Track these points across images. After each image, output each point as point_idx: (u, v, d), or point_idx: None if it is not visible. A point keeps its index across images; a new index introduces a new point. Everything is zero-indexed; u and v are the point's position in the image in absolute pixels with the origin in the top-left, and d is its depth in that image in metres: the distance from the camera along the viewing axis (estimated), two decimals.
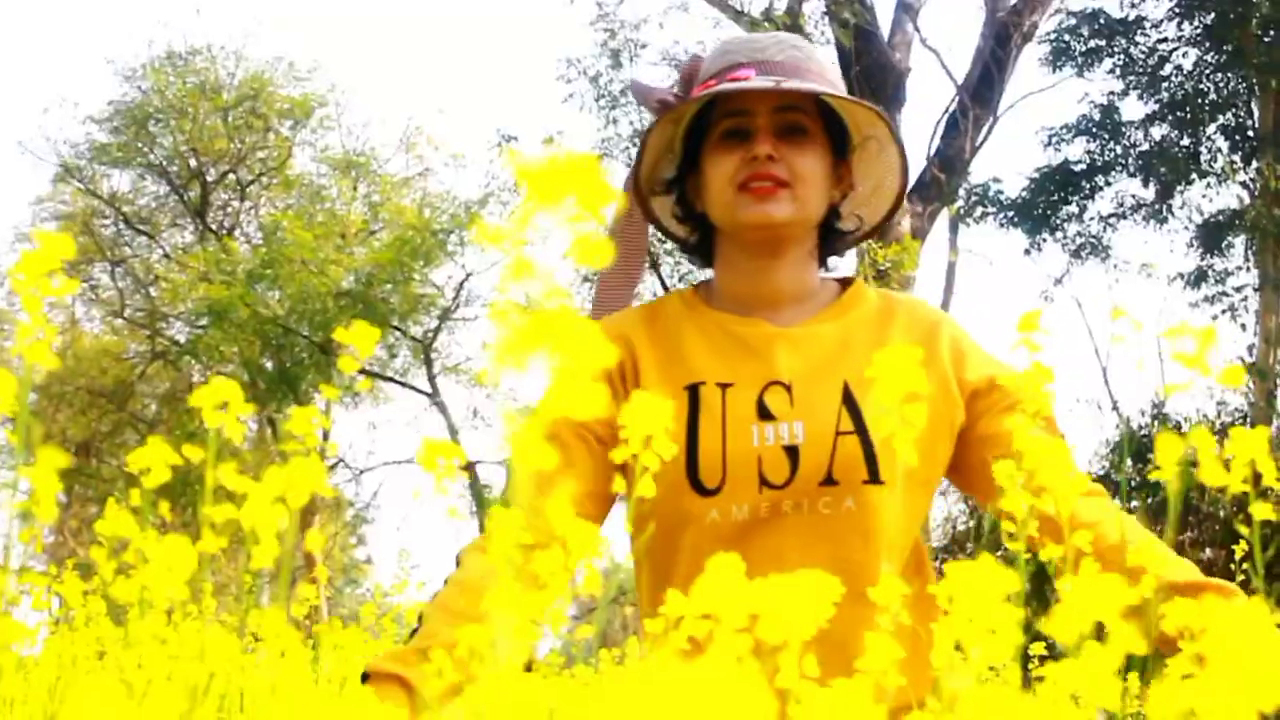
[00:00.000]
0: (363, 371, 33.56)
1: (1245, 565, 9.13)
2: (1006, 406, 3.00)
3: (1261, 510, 2.16)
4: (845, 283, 3.32)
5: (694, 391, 3.02)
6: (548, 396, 0.98)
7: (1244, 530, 2.35)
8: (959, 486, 3.31)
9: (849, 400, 3.00)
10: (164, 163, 37.14)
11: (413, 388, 34.65)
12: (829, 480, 2.94)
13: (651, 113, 3.31)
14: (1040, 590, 2.24)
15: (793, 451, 2.92)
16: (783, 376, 3.02)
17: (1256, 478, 2.15)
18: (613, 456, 1.26)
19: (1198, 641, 1.34)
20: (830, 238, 3.30)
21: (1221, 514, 17.14)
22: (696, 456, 2.94)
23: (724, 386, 3.02)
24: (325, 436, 33.66)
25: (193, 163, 37.02)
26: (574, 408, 0.92)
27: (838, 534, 2.92)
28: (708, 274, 3.42)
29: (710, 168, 3.13)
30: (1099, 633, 1.56)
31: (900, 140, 3.28)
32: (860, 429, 2.97)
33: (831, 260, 3.42)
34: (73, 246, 2.09)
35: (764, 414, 2.97)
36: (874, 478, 2.95)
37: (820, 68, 3.23)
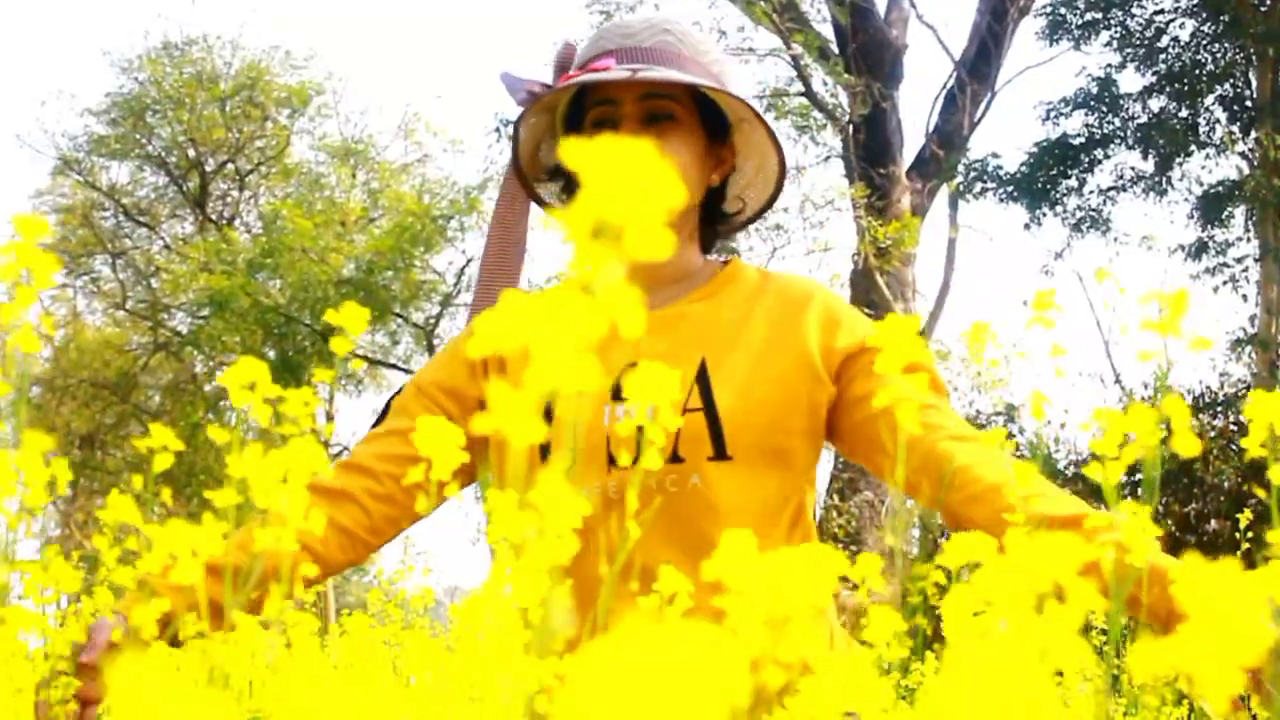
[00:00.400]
0: (366, 359, 33.74)
1: (1250, 533, 9.14)
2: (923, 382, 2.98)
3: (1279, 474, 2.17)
4: (727, 264, 3.32)
5: None
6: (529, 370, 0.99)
7: (1261, 493, 2.35)
8: (845, 455, 3.30)
9: (702, 378, 3.02)
10: (162, 154, 37.17)
11: (414, 371, 34.54)
12: (675, 458, 2.94)
13: (519, 105, 3.33)
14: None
15: (641, 430, 2.92)
16: (643, 357, 3.03)
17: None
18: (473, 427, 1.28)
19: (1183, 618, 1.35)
20: (713, 220, 3.30)
21: (1225, 485, 17.13)
22: (582, 445, 2.94)
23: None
24: (329, 419, 33.68)
25: (191, 153, 37.03)
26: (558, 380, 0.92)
27: (686, 512, 2.92)
28: None
29: None
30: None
31: (768, 124, 3.26)
32: (708, 406, 2.98)
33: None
34: (46, 226, 2.10)
35: (617, 395, 2.96)
36: (719, 454, 2.96)
37: (694, 51, 3.21)
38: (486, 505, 2.64)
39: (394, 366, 34.66)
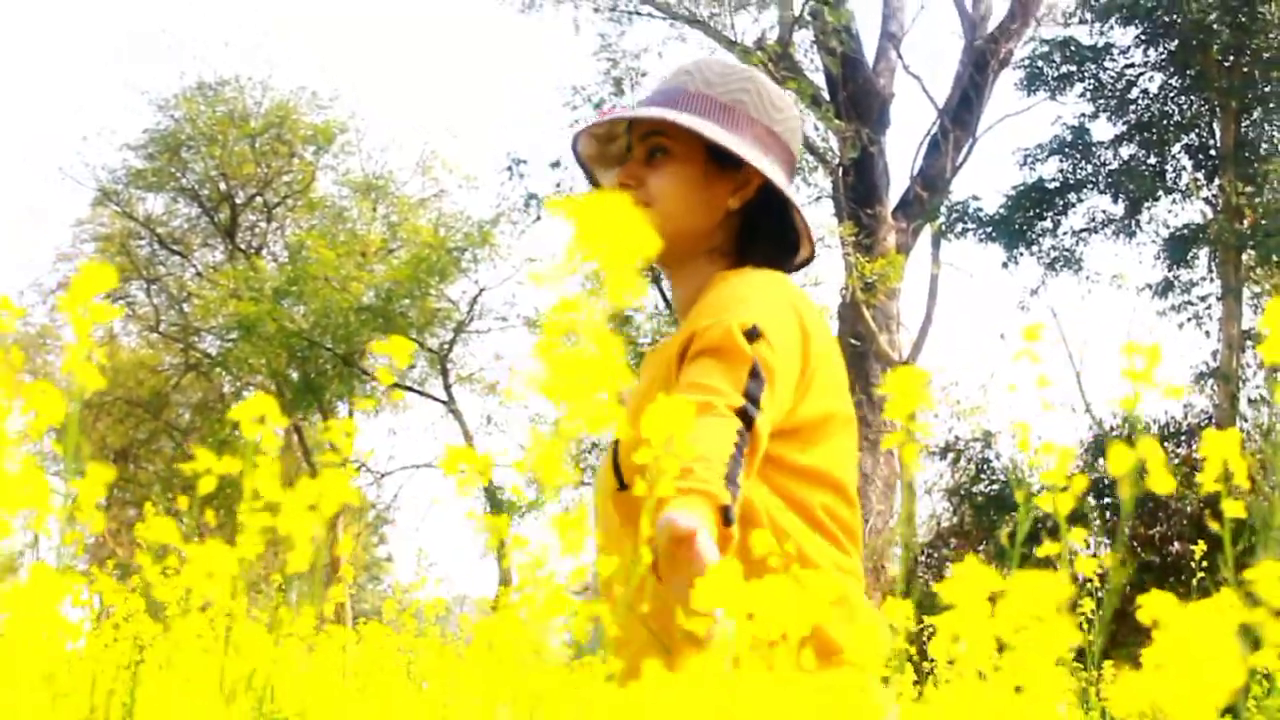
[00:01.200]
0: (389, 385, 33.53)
1: (1204, 562, 9.13)
2: (693, 354, 2.85)
3: (1232, 508, 2.16)
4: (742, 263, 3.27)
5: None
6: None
7: (1215, 525, 2.35)
8: None
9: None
10: (195, 187, 37.25)
11: (430, 396, 34.67)
12: (620, 486, 2.88)
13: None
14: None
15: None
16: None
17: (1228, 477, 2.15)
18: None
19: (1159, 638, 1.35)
20: (756, 234, 3.25)
21: (1188, 509, 17.13)
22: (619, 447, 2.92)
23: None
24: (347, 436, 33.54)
25: (222, 186, 37.10)
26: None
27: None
28: None
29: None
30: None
31: (785, 146, 3.26)
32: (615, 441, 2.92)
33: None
34: (115, 277, 2.10)
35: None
36: (620, 485, 2.88)
37: (705, 85, 3.20)
38: (490, 517, 2.63)
39: (409, 389, 34.63)
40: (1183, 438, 20.67)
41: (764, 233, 3.26)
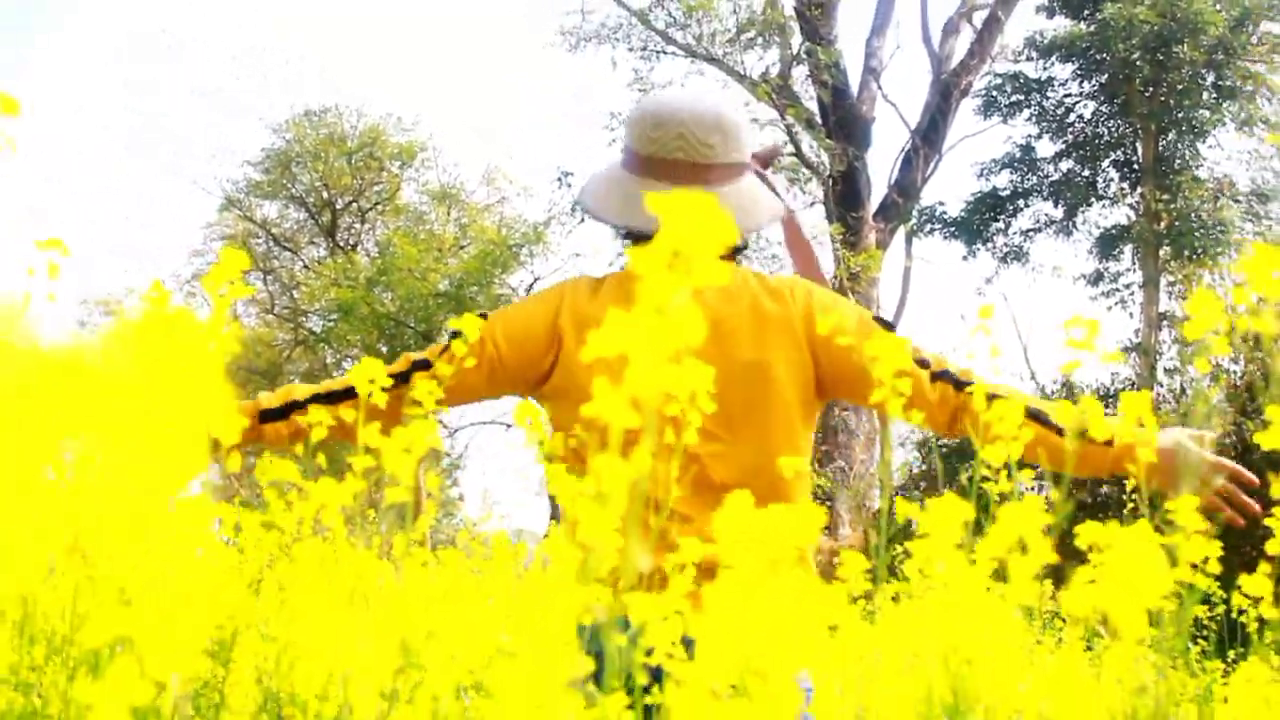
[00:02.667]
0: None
1: (1134, 496, 9.12)
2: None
3: (1146, 454, 2.18)
4: None
5: None
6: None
7: (1132, 469, 2.36)
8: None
9: None
10: (303, 195, 37.32)
11: None
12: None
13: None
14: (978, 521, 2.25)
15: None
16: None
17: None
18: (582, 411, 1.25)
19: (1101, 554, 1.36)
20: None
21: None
22: None
23: None
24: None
25: (324, 195, 37.13)
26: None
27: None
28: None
29: None
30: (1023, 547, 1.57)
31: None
32: None
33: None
34: (248, 261, 2.12)
35: None
36: None
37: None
38: (545, 466, 2.65)
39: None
40: (1110, 400, 20.61)
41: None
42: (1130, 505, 9.35)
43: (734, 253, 3.34)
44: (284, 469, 2.58)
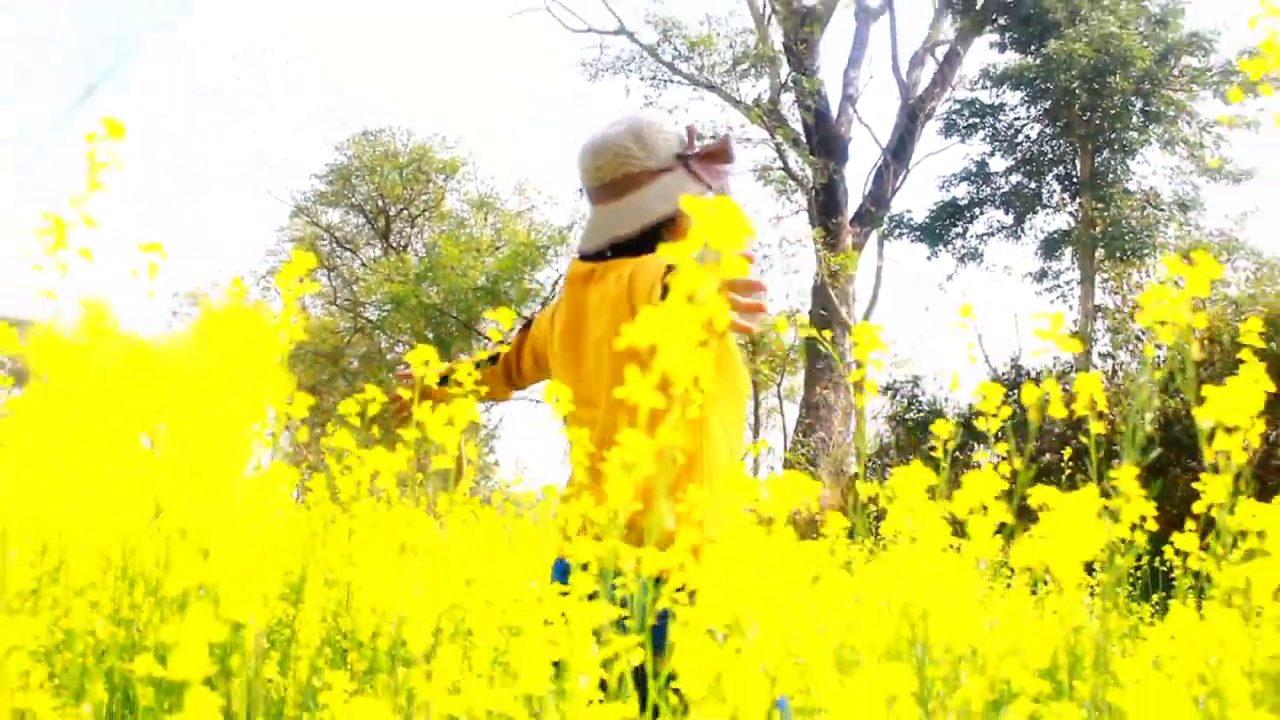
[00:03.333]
0: (492, 340, 33.74)
1: (1072, 463, 9.16)
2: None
3: (1097, 427, 2.16)
4: None
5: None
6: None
7: (1085, 440, 2.34)
8: None
9: None
10: (361, 203, 37.46)
11: None
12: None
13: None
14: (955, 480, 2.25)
15: None
16: None
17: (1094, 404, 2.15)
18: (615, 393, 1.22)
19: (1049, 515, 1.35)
20: None
21: (1055, 429, 17.05)
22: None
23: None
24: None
25: (380, 203, 37.26)
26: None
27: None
28: None
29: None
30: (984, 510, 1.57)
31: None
32: None
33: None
34: (315, 260, 2.13)
35: None
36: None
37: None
38: (569, 435, 2.65)
39: (510, 345, 34.63)
40: (1057, 379, 20.66)
41: None
42: (1074, 471, 9.37)
43: (638, 248, 3.27)
44: (344, 438, 2.59)
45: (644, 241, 3.20)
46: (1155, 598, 6.72)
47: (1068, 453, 9.06)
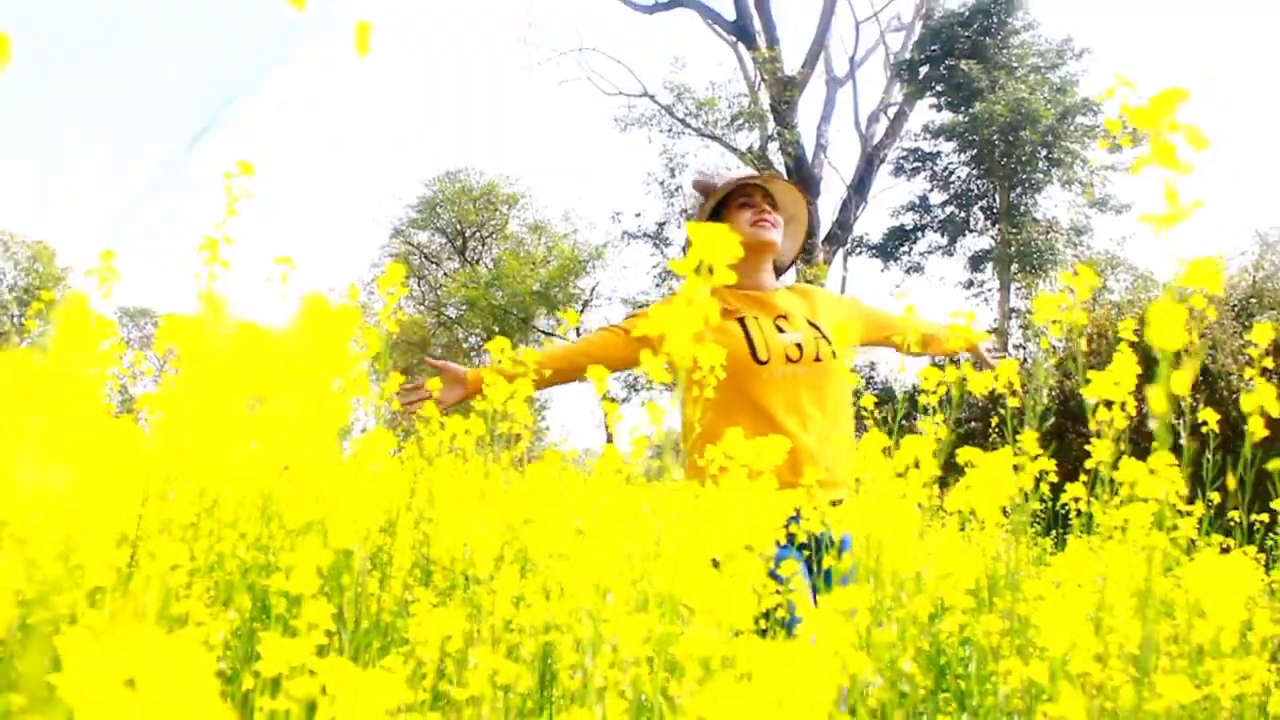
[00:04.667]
0: (543, 333, 33.98)
1: (1000, 428, 9.14)
2: (885, 320, 3.33)
3: (1012, 401, 2.16)
4: (780, 280, 3.46)
5: (741, 320, 3.10)
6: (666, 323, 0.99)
7: (1003, 411, 2.34)
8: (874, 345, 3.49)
9: (812, 324, 3.16)
10: (444, 227, 37.55)
11: (568, 340, 34.69)
12: (817, 358, 3.04)
13: (702, 194, 3.42)
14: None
15: (799, 345, 3.03)
16: (781, 312, 3.13)
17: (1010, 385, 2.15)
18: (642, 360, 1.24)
19: (972, 472, 1.35)
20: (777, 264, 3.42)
21: (981, 403, 17.00)
22: (754, 347, 3.03)
23: (755, 317, 3.12)
24: None
25: (458, 226, 37.34)
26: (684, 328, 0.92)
27: (820, 379, 3.01)
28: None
29: (732, 218, 3.22)
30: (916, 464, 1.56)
31: (809, 216, 3.39)
32: (822, 335, 3.11)
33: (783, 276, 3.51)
34: (403, 272, 2.12)
35: (780, 329, 3.07)
36: (834, 354, 3.06)
37: (788, 186, 3.36)
38: (604, 403, 2.65)
39: (555, 336, 34.81)
40: (979, 366, 20.63)
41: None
42: (996, 436, 9.35)
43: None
44: (431, 409, 2.59)
45: None
46: (1054, 534, 6.69)
47: (995, 420, 9.03)
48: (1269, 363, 2.15)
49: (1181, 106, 0.98)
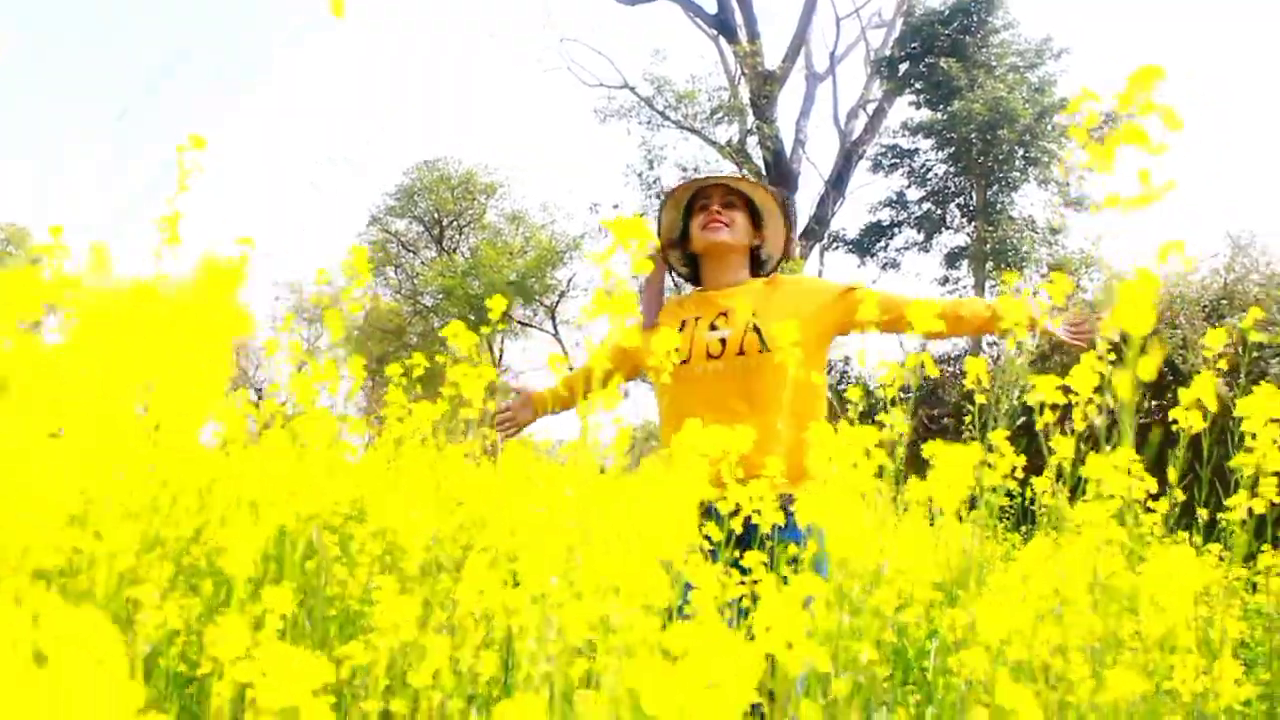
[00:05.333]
0: (520, 323, 34.04)
1: (970, 425, 9.16)
2: (855, 294, 3.18)
3: (981, 398, 2.16)
4: (755, 275, 3.41)
5: (683, 324, 3.11)
6: (610, 337, 0.98)
7: (970, 406, 2.33)
8: (855, 331, 3.36)
9: (756, 319, 3.12)
10: (421, 215, 37.49)
11: (545, 331, 34.81)
12: (740, 352, 3.03)
13: (660, 201, 3.47)
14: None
15: (723, 341, 3.02)
16: (723, 310, 3.12)
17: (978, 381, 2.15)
18: (646, 360, 1.25)
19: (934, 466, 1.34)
20: (756, 262, 3.35)
21: (951, 400, 17.08)
22: (689, 348, 3.05)
23: (696, 319, 3.12)
24: (501, 357, 34.23)
25: (436, 215, 37.30)
26: (625, 340, 0.91)
27: (747, 374, 3.01)
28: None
29: (692, 223, 3.21)
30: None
31: (786, 213, 3.35)
32: (757, 330, 3.02)
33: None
34: (367, 254, 2.10)
35: (713, 327, 3.07)
36: (764, 349, 3.00)
37: (749, 183, 3.31)
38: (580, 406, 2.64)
39: (532, 326, 34.85)
40: (953, 360, 20.67)
41: (757, 260, 3.38)
42: (966, 432, 9.40)
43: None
44: (397, 396, 2.57)
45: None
46: (1024, 529, 6.72)
47: (969, 420, 9.06)
48: (1224, 364, 2.17)
49: (1158, 86, 0.97)
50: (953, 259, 26.99)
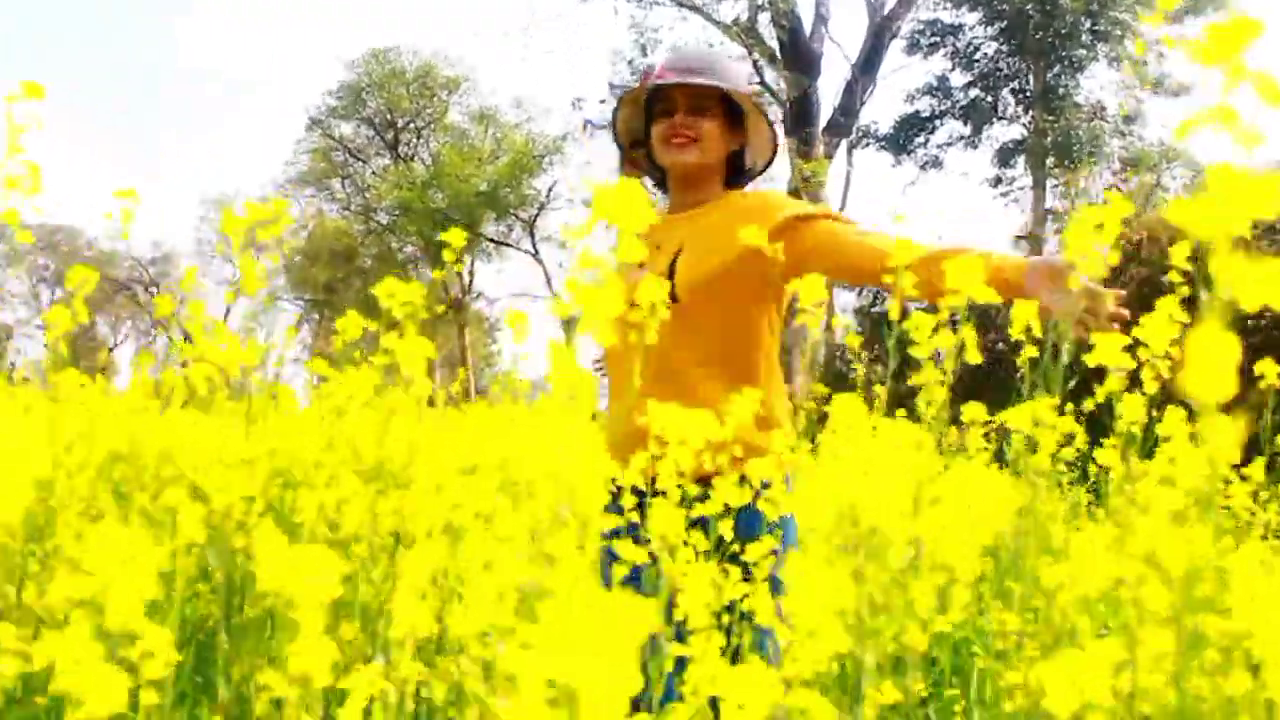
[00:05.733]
0: (494, 241, 34.04)
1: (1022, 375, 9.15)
2: (806, 227, 2.88)
3: (1029, 350, 2.13)
4: (733, 187, 3.24)
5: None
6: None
7: (1019, 361, 2.31)
8: (812, 273, 3.01)
9: (675, 259, 2.94)
10: (371, 116, 37.36)
11: (522, 250, 34.83)
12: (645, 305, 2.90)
13: (615, 101, 3.33)
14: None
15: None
16: (657, 243, 2.99)
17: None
18: None
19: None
20: (738, 170, 3.21)
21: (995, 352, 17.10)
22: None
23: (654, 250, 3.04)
24: (471, 282, 34.32)
25: (389, 116, 37.18)
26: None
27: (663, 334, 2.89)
28: None
29: (654, 130, 3.10)
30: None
31: (765, 113, 3.21)
32: (672, 275, 2.89)
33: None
34: (287, 206, 2.06)
35: (641, 266, 2.91)
36: (672, 299, 2.79)
37: (723, 68, 3.15)
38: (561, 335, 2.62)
39: (507, 245, 34.83)
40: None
41: (740, 167, 3.22)
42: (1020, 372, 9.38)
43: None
44: (354, 323, 2.56)
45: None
46: (1089, 498, 6.74)
47: (1027, 354, 9.03)
48: None
49: (1252, 43, 0.92)
50: (1006, 155, 26.94)
